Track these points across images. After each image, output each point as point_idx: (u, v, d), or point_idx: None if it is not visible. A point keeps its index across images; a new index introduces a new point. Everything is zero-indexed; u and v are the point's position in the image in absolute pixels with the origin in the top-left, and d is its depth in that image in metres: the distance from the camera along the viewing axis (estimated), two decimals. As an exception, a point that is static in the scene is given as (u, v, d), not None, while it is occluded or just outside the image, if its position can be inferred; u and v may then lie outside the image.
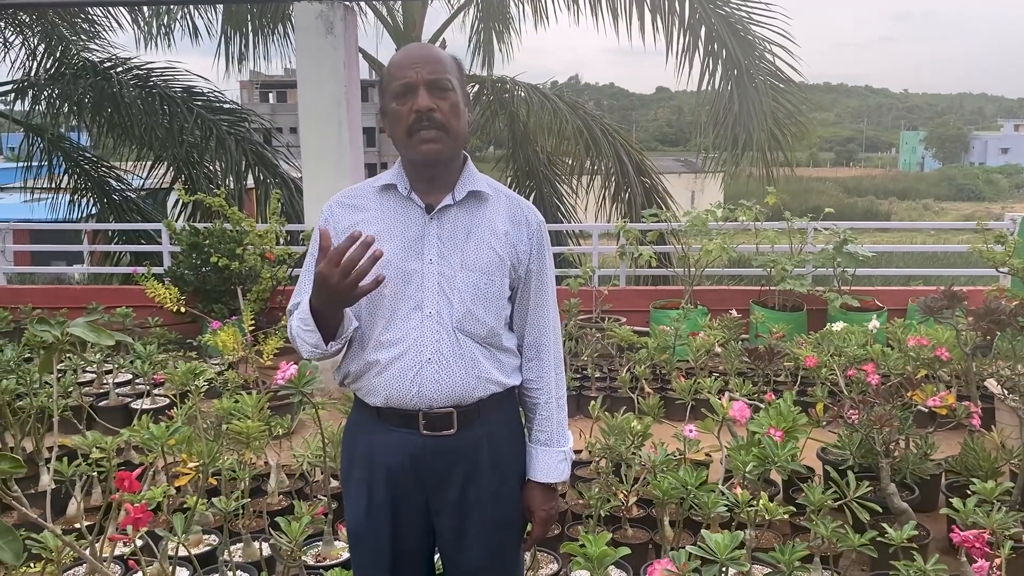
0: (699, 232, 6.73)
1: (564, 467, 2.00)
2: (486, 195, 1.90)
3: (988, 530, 2.55)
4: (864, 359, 4.45)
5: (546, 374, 1.98)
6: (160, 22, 10.76)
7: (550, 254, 2.00)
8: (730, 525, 3.19)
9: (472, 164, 1.94)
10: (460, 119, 1.82)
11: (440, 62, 1.80)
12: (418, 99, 1.76)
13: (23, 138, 10.31)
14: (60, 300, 7.08)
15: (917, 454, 3.69)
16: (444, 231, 1.85)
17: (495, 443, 1.92)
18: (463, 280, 1.83)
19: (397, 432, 1.87)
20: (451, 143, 1.81)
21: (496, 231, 1.88)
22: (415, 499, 1.90)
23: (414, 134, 1.78)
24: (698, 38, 9.16)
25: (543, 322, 1.97)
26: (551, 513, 2.02)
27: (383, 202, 1.89)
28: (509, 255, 1.88)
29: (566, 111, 10.33)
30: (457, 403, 1.85)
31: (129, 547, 3.11)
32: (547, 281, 1.97)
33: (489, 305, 1.86)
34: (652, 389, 4.93)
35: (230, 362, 5.40)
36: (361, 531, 1.96)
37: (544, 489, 2.00)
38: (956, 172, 69.66)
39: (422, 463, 1.87)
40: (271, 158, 10.19)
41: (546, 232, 1.98)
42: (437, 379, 1.82)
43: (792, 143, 9.52)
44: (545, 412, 1.98)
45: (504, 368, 1.92)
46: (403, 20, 10.19)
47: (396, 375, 1.83)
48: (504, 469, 1.95)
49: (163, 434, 2.98)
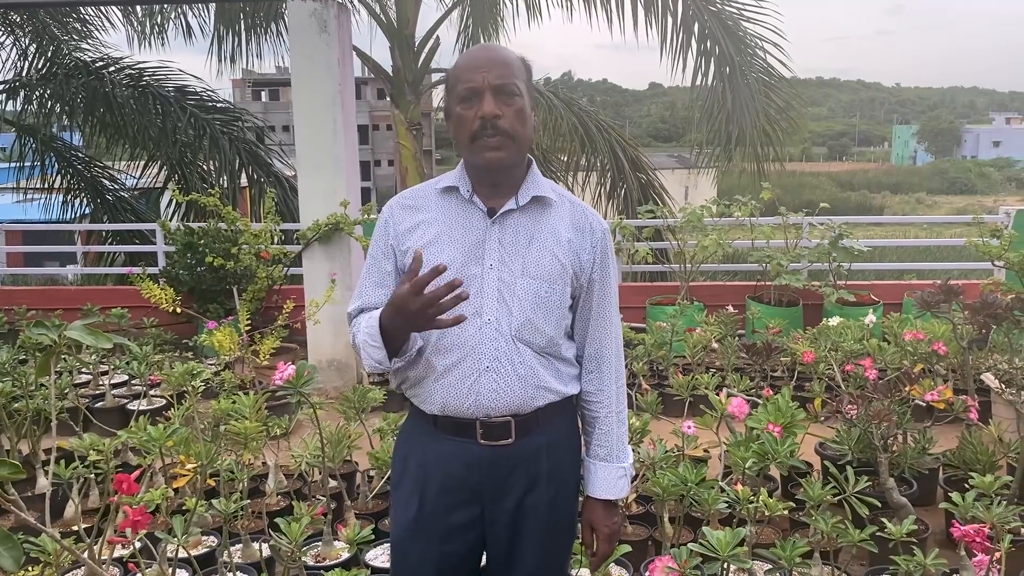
0: (695, 228, 6.73)
1: (624, 483, 1.95)
2: (550, 200, 1.85)
3: (988, 524, 2.55)
4: (861, 354, 4.46)
5: (607, 387, 1.93)
6: (153, 21, 10.69)
7: (615, 263, 1.95)
8: (730, 521, 3.19)
9: (537, 168, 1.88)
10: (526, 125, 1.77)
11: (507, 65, 1.75)
12: (484, 105, 1.71)
13: (15, 138, 10.26)
14: (54, 301, 7.06)
15: (915, 448, 3.70)
16: (506, 236, 1.80)
17: (554, 452, 1.88)
18: (523, 287, 1.79)
19: (454, 441, 1.83)
20: (516, 150, 1.76)
21: (559, 238, 1.83)
22: (470, 511, 1.86)
23: (478, 140, 1.74)
24: (691, 35, 9.16)
25: (605, 333, 1.91)
26: (614, 529, 1.97)
27: (444, 204, 1.84)
28: (572, 263, 1.83)
29: (561, 108, 10.32)
30: (515, 412, 1.81)
31: (128, 549, 3.10)
32: (610, 291, 1.91)
33: (549, 314, 1.81)
34: (650, 385, 4.93)
35: (226, 362, 5.38)
36: (406, 543, 1.91)
37: (605, 505, 1.95)
38: (948, 166, 69.87)
39: (479, 473, 1.83)
40: (264, 157, 10.16)
41: (610, 241, 1.92)
42: (495, 388, 1.78)
43: (785, 138, 9.53)
44: (605, 426, 1.94)
45: (562, 377, 1.87)
46: (396, 17, 10.15)
47: (453, 383, 1.79)
48: (562, 479, 1.91)
49: (161, 435, 2.97)
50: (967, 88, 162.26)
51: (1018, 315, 3.67)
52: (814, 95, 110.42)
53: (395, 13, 10.06)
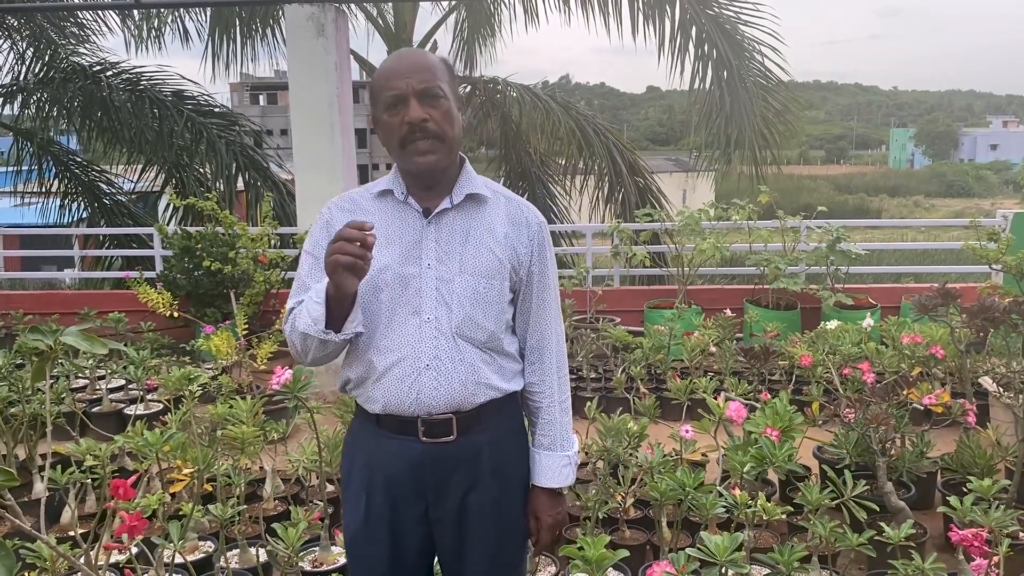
0: (692, 231, 6.74)
1: (568, 472, 1.97)
2: (485, 197, 1.87)
3: (986, 528, 2.55)
4: (859, 357, 4.46)
5: (548, 377, 1.95)
6: (150, 25, 10.72)
7: (552, 256, 1.96)
8: (728, 525, 3.18)
9: (470, 166, 1.90)
10: (454, 125, 1.80)
11: (429, 69, 1.78)
12: (410, 110, 1.74)
13: (12, 142, 10.27)
14: (51, 305, 7.04)
15: (913, 452, 3.69)
16: (442, 235, 1.83)
17: (497, 450, 1.90)
18: (461, 284, 1.81)
19: (396, 439, 1.85)
20: (447, 151, 1.79)
21: (495, 234, 1.85)
22: (414, 508, 1.87)
23: (408, 145, 1.77)
24: (689, 38, 9.19)
25: (545, 325, 1.94)
26: (557, 519, 1.99)
27: (381, 207, 1.87)
28: (509, 257, 1.86)
29: (558, 111, 10.33)
30: (456, 409, 1.82)
31: (124, 555, 3.08)
32: (549, 283, 1.94)
33: (489, 309, 1.83)
34: (647, 389, 4.93)
35: (224, 367, 5.38)
36: (359, 540, 1.93)
37: (549, 494, 1.97)
38: (946, 169, 69.89)
39: (422, 471, 1.84)
40: (261, 161, 10.16)
41: (547, 233, 1.94)
42: (435, 386, 1.79)
43: (782, 141, 9.56)
44: (548, 416, 1.95)
45: (504, 373, 1.89)
46: (394, 22, 10.17)
47: (394, 382, 1.80)
48: (506, 476, 1.92)
49: (157, 440, 2.96)
50: (964, 91, 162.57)
51: (1016, 319, 3.67)
52: (811, 98, 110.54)
53: (392, 18, 10.08)
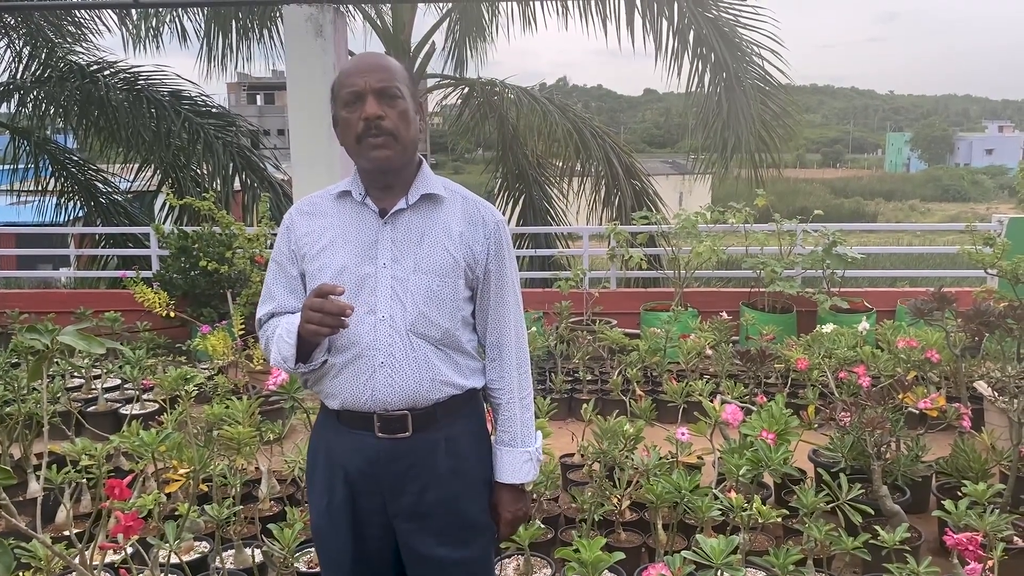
0: (689, 234, 6.75)
1: (530, 468, 1.99)
2: (441, 197, 1.91)
3: (981, 532, 2.56)
4: (854, 361, 4.47)
5: (508, 374, 1.97)
6: (148, 24, 10.70)
7: (511, 254, 1.98)
8: (724, 528, 3.19)
9: (428, 167, 1.94)
10: (410, 126, 1.84)
11: (388, 70, 1.83)
12: (366, 107, 1.79)
13: (9, 141, 10.25)
14: (47, 304, 7.03)
15: (908, 456, 3.70)
16: (398, 235, 1.86)
17: (454, 447, 1.91)
18: (416, 283, 1.84)
19: (354, 434, 1.89)
20: (401, 150, 1.83)
21: (451, 232, 1.88)
22: (373, 501, 1.90)
23: (363, 141, 1.81)
24: (686, 41, 9.19)
25: (504, 322, 1.96)
26: (517, 515, 2.01)
27: (339, 209, 1.91)
28: (464, 256, 1.88)
29: (556, 113, 10.33)
30: (411, 406, 1.85)
31: (120, 555, 3.09)
32: (507, 281, 1.96)
33: (443, 307, 1.86)
34: (643, 392, 4.93)
35: (220, 367, 5.37)
36: (323, 531, 1.97)
37: (511, 490, 1.99)
38: (942, 173, 70.05)
39: (378, 466, 1.88)
40: (258, 162, 10.16)
41: (505, 231, 1.96)
42: (390, 383, 1.83)
43: (779, 145, 9.56)
44: (508, 412, 1.97)
45: (461, 370, 1.92)
46: (392, 23, 10.17)
47: (350, 379, 1.85)
48: (466, 474, 1.94)
49: (153, 440, 2.95)
50: (960, 96, 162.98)
51: (1011, 323, 3.68)
52: (808, 102, 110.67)
53: (391, 19, 10.08)
